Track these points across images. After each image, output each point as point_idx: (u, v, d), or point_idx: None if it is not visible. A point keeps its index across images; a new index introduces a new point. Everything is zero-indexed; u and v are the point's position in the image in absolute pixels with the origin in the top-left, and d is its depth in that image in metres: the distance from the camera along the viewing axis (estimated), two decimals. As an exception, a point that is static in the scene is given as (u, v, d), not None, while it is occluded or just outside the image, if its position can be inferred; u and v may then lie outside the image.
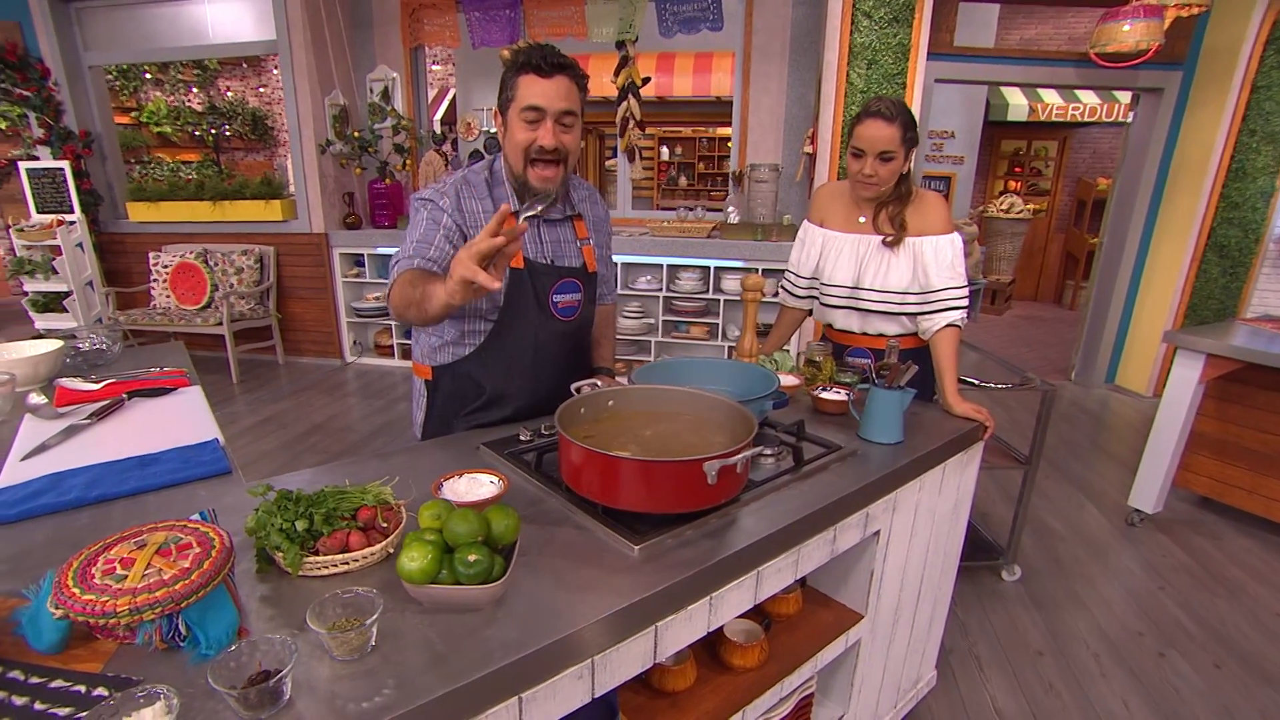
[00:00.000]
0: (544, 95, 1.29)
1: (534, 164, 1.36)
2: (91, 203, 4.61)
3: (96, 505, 1.13)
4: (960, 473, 1.57)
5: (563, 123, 1.33)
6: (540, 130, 1.32)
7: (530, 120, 1.32)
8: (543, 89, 1.29)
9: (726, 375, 1.54)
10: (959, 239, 1.74)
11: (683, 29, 4.59)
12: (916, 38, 3.82)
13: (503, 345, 1.47)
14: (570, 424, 1.19)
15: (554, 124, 1.32)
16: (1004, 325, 6.89)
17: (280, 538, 0.92)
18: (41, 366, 1.70)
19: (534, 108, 1.30)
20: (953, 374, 1.67)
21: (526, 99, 1.30)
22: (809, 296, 1.96)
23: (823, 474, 1.28)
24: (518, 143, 1.34)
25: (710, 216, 4.78)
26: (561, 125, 1.33)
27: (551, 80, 1.29)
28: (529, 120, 1.32)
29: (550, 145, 1.33)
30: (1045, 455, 3.60)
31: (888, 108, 1.60)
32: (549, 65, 1.29)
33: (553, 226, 1.51)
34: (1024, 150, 8.50)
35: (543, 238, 1.49)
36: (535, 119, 1.31)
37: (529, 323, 1.46)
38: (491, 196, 1.43)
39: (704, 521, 1.07)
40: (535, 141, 1.33)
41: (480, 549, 0.87)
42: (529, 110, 1.31)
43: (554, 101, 1.30)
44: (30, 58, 4.45)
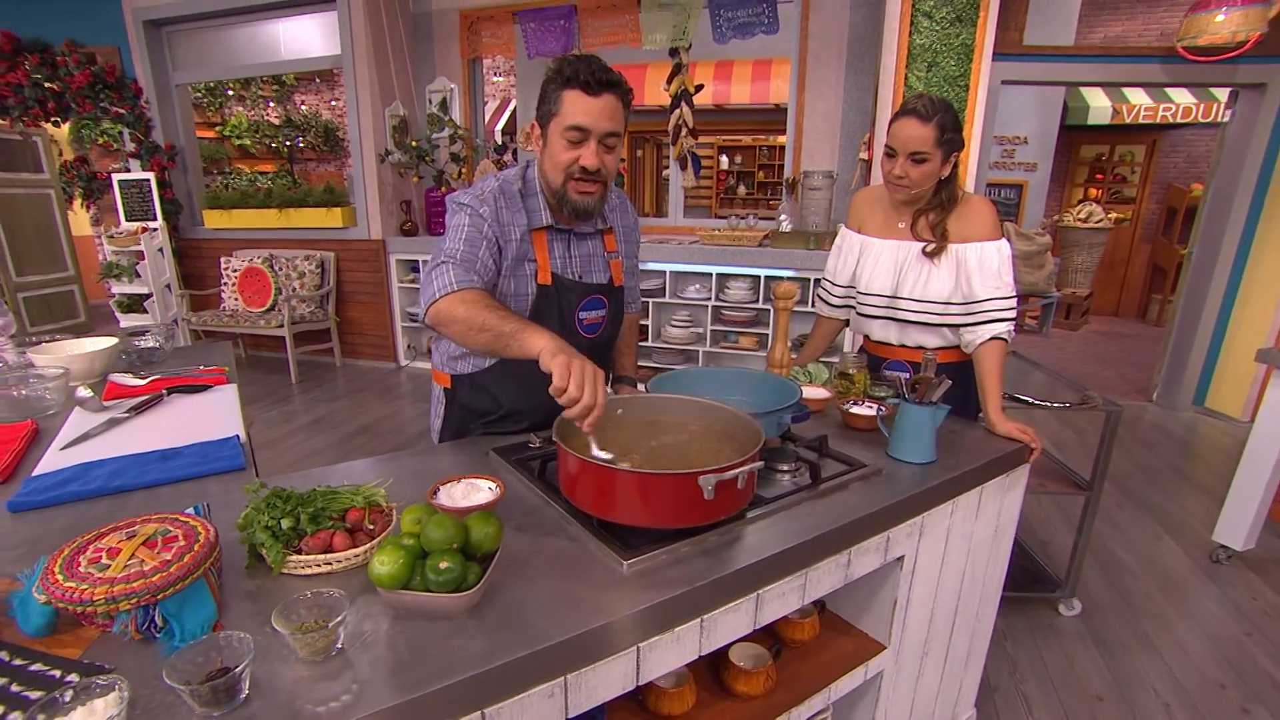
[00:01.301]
0: (589, 115, 1.23)
1: (575, 180, 1.30)
2: (173, 211, 4.94)
3: (116, 495, 1.17)
4: (1001, 497, 1.45)
5: (606, 144, 1.27)
6: (584, 151, 1.26)
7: (574, 140, 1.25)
8: (588, 107, 1.22)
9: (745, 386, 1.48)
10: (1006, 246, 1.62)
11: (737, 35, 4.54)
12: (981, 38, 3.64)
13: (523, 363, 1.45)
14: (573, 433, 1.15)
15: (598, 145, 1.26)
16: (1079, 341, 6.47)
17: (265, 535, 0.92)
18: (97, 362, 1.80)
19: (579, 128, 1.24)
20: (997, 390, 1.55)
21: (571, 117, 1.23)
22: (845, 306, 1.87)
23: (841, 493, 1.20)
24: (559, 161, 1.29)
25: (763, 225, 4.69)
26: (605, 146, 1.27)
27: (599, 99, 1.22)
28: (572, 140, 1.26)
29: (594, 167, 1.27)
30: (1119, 481, 3.34)
31: (925, 106, 1.51)
32: (597, 83, 1.21)
33: (583, 241, 1.46)
34: (1106, 155, 7.99)
35: (572, 252, 1.44)
36: (579, 139, 1.25)
37: None
38: (525, 209, 1.37)
39: (703, 538, 1.02)
40: (578, 161, 1.27)
41: (454, 556, 0.84)
42: (573, 130, 1.24)
43: (600, 122, 1.23)
44: (126, 78, 4.82)
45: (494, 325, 1.16)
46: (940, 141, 1.51)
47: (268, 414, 4.08)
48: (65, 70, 4.64)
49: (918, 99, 1.53)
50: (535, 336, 1.10)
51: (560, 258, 1.42)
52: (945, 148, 1.52)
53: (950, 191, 1.62)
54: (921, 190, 1.58)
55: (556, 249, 1.42)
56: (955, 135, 1.53)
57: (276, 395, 4.40)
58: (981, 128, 3.81)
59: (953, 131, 1.52)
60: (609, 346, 1.58)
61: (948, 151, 1.54)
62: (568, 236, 1.43)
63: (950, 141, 1.53)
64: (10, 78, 4.59)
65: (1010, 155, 7.03)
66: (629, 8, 4.59)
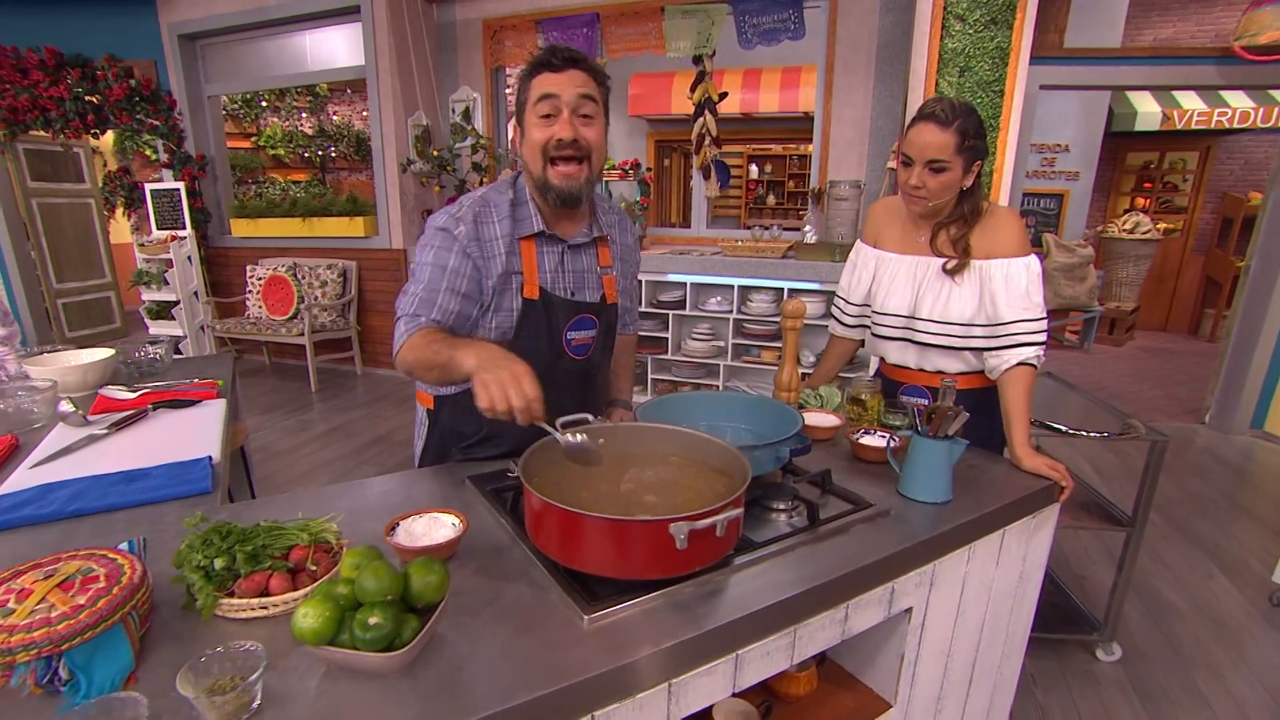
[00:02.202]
0: (557, 84, 1.18)
1: (554, 162, 1.22)
2: (202, 219, 5.04)
3: (72, 520, 1.12)
4: (1027, 540, 1.31)
5: (582, 114, 1.20)
6: (557, 123, 1.19)
7: (545, 115, 1.19)
8: (555, 79, 1.19)
9: (742, 412, 1.37)
10: (1036, 263, 1.48)
11: (763, 41, 4.43)
12: (1018, 40, 3.47)
13: None
14: (543, 465, 1.07)
15: (571, 114, 1.19)
16: (1124, 358, 6.15)
17: (198, 575, 0.85)
18: (90, 375, 1.78)
19: (548, 96, 1.18)
20: (1024, 422, 1.41)
21: (539, 90, 1.19)
22: (860, 326, 1.75)
23: (841, 537, 1.08)
24: (535, 143, 1.22)
25: (787, 236, 4.56)
26: (581, 118, 1.20)
27: (565, 73, 1.18)
28: (544, 115, 1.20)
29: (568, 136, 1.19)
30: (1166, 512, 3.11)
31: (944, 110, 1.38)
32: (562, 60, 1.19)
33: (577, 254, 1.36)
34: (1155, 163, 7.63)
35: (566, 265, 1.34)
36: (550, 111, 1.19)
37: (538, 360, 1.32)
38: (513, 217, 1.29)
39: (679, 589, 0.91)
40: (553, 136, 1.20)
41: (386, 610, 0.76)
42: (543, 101, 1.19)
43: (568, 88, 1.18)
44: (161, 91, 4.95)
45: (434, 358, 1.13)
46: (961, 149, 1.39)
47: (285, 422, 4.10)
48: (104, 84, 4.78)
49: (937, 102, 1.41)
50: (465, 357, 1.06)
51: (551, 272, 1.33)
52: (967, 155, 1.40)
53: (974, 203, 1.49)
54: (940, 202, 1.45)
55: (547, 262, 1.33)
56: (978, 142, 1.41)
57: (296, 403, 4.42)
58: (1017, 135, 3.63)
59: (975, 138, 1.40)
60: (600, 368, 1.47)
61: (970, 160, 1.41)
62: (560, 248, 1.34)
63: (973, 149, 1.40)
64: (53, 91, 4.74)
65: (1050, 164, 6.75)
66: (652, 15, 4.52)
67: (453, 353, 1.09)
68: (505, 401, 0.98)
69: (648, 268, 4.43)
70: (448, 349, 1.11)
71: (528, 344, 1.30)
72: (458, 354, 1.07)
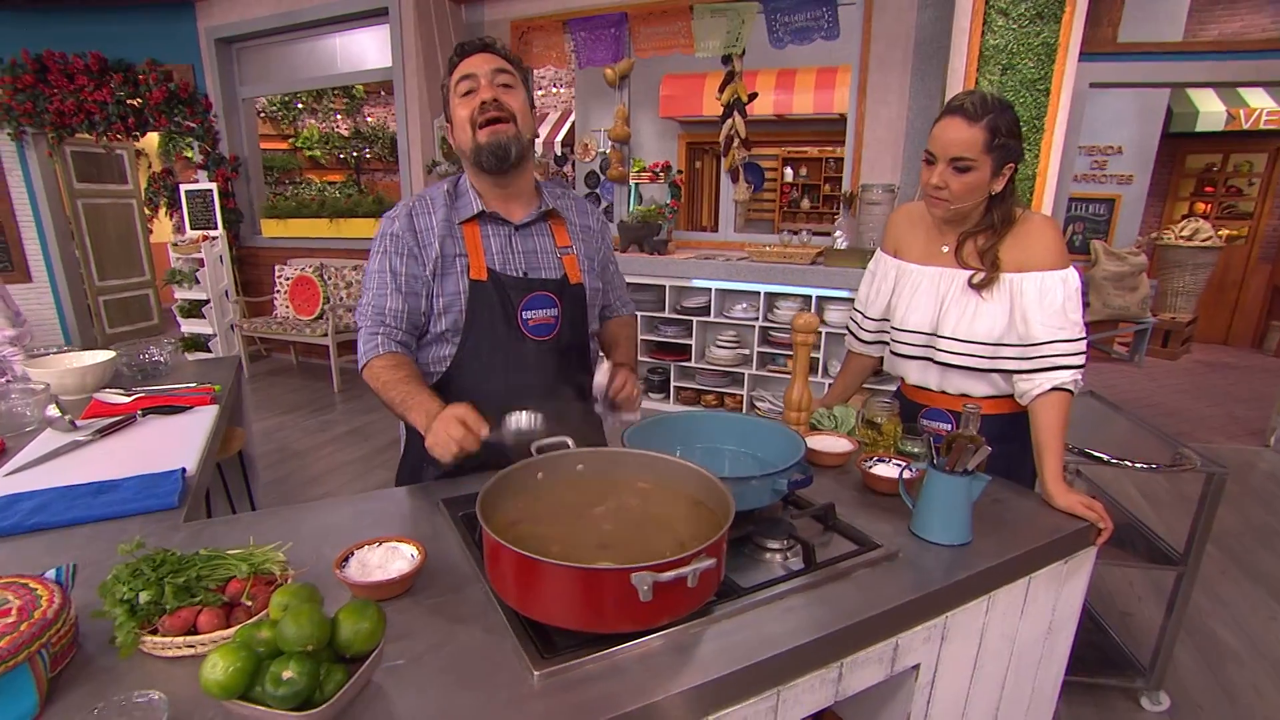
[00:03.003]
0: (472, 65, 1.24)
1: (480, 127, 1.24)
2: (234, 220, 5.13)
3: (31, 534, 1.08)
4: (1057, 588, 1.17)
5: (500, 82, 1.24)
6: (478, 93, 1.23)
7: (466, 91, 1.24)
8: (471, 62, 1.25)
9: (743, 435, 1.27)
10: (1074, 276, 1.33)
11: (795, 40, 4.29)
12: (1066, 36, 3.27)
13: (469, 372, 1.30)
14: (511, 493, 0.98)
15: (489, 83, 1.23)
16: (1178, 372, 5.79)
17: (121, 609, 0.78)
18: (89, 377, 1.77)
19: (466, 76, 1.24)
20: (1057, 453, 1.27)
21: (458, 74, 1.26)
22: (878, 342, 1.62)
23: (841, 583, 0.97)
24: (462, 119, 1.25)
25: (817, 241, 4.41)
26: (500, 86, 1.24)
27: (477, 55, 1.25)
28: (465, 92, 1.24)
29: (489, 97, 1.23)
30: (1224, 544, 2.87)
31: (974, 104, 1.26)
32: (473, 47, 1.26)
33: (527, 234, 1.33)
34: (1219, 166, 7.19)
35: (515, 246, 1.32)
36: (471, 88, 1.24)
37: (496, 343, 1.28)
38: (454, 206, 1.30)
39: (645, 642, 0.82)
40: (475, 104, 1.23)
41: (303, 663, 0.68)
42: (462, 82, 1.24)
43: (482, 65, 1.24)
44: (198, 94, 5.05)
45: (391, 404, 1.20)
46: (990, 147, 1.25)
47: (306, 422, 4.12)
48: (145, 87, 4.90)
49: (967, 95, 1.29)
50: (416, 414, 1.14)
51: (500, 253, 1.31)
52: (997, 155, 1.27)
53: (1005, 211, 1.35)
54: (963, 206, 1.32)
55: (494, 244, 1.31)
56: (1011, 142, 1.27)
57: (318, 404, 4.45)
58: (1064, 137, 3.42)
59: (1007, 137, 1.26)
60: (572, 350, 1.38)
61: (1000, 160, 1.28)
62: (508, 229, 1.32)
63: (1003, 148, 1.27)
64: (98, 95, 4.88)
65: (1101, 167, 6.42)
66: (681, 14, 4.43)
67: (405, 412, 1.17)
68: (451, 444, 1.03)
69: (671, 273, 4.34)
70: (401, 404, 1.18)
71: (482, 329, 1.28)
72: (410, 415, 1.16)
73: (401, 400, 1.17)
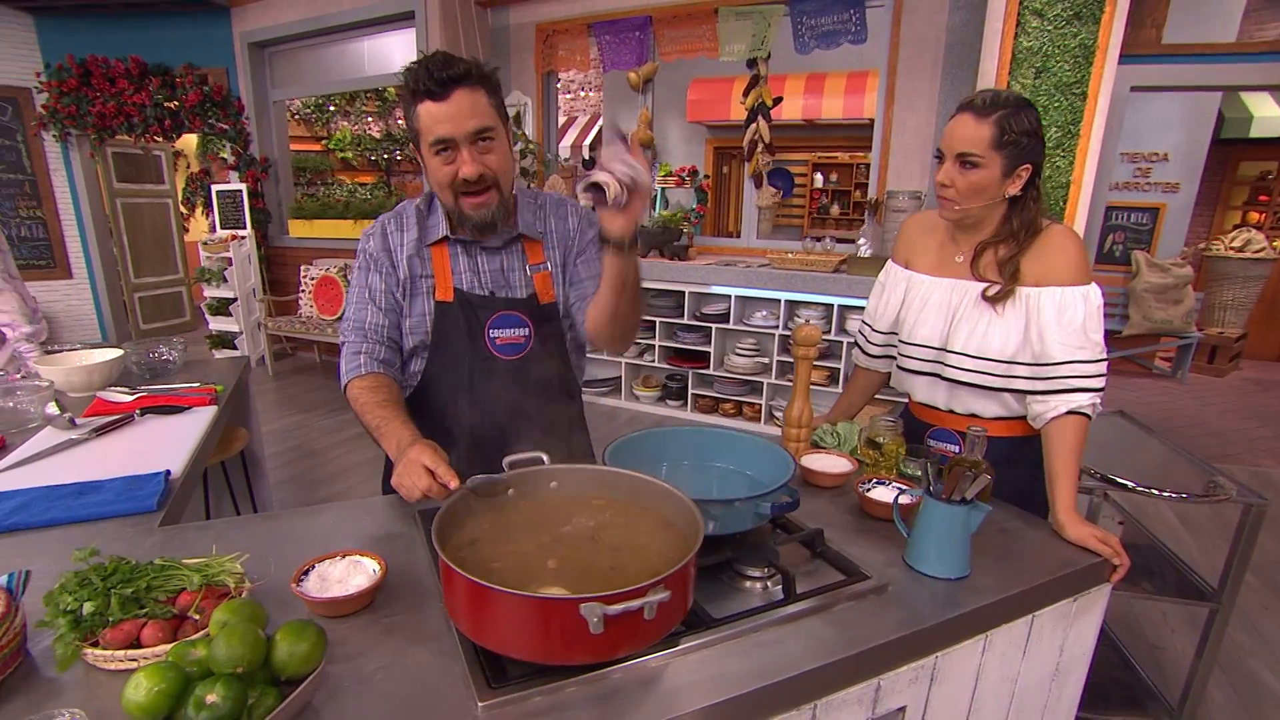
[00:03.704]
0: (447, 122, 1.09)
1: (463, 195, 1.17)
2: (263, 220, 5.23)
3: (7, 535, 1.08)
4: (1064, 628, 1.09)
5: (481, 143, 1.13)
6: (458, 162, 1.13)
7: (443, 154, 1.12)
8: (441, 114, 1.09)
9: (729, 452, 1.21)
10: (1097, 293, 1.25)
11: (821, 44, 4.21)
12: (1105, 37, 3.13)
13: (437, 389, 1.28)
14: (479, 507, 0.95)
15: (470, 149, 1.12)
16: (1225, 390, 5.52)
17: (64, 620, 0.77)
18: (96, 375, 1.79)
19: (440, 140, 1.11)
20: (1070, 481, 1.19)
21: (430, 132, 1.11)
22: (886, 356, 1.55)
23: (821, 616, 0.91)
24: (440, 179, 1.16)
25: (841, 249, 4.31)
26: (481, 147, 1.13)
27: (449, 101, 1.08)
28: (442, 155, 1.13)
29: (473, 174, 1.13)
30: (1266, 575, 2.70)
31: (984, 99, 1.19)
32: (440, 84, 1.08)
33: (495, 254, 1.29)
34: (1275, 173, 6.85)
35: (481, 266, 1.28)
36: (447, 149, 1.12)
37: (461, 362, 1.25)
38: (424, 225, 1.27)
39: (602, 674, 0.77)
40: (457, 175, 1.14)
41: (228, 687, 0.65)
42: (437, 144, 1.11)
43: (460, 125, 1.10)
44: (231, 96, 5.18)
45: (368, 428, 1.17)
46: (999, 144, 1.18)
47: (324, 421, 4.16)
48: (182, 90, 5.04)
49: (981, 92, 1.22)
50: (388, 442, 1.11)
51: (466, 272, 1.27)
52: (1008, 154, 1.19)
53: (1026, 219, 1.27)
54: (972, 208, 1.24)
55: (461, 263, 1.27)
56: (1026, 140, 1.19)
57: (337, 403, 4.49)
58: (1101, 142, 3.28)
59: (1022, 135, 1.19)
60: (543, 368, 1.31)
61: (1013, 160, 1.20)
62: (474, 250, 1.27)
63: (1016, 146, 1.19)
64: (137, 99, 5.03)
65: (1145, 174, 6.16)
66: (706, 17, 4.38)
67: (379, 438, 1.14)
68: (415, 492, 0.98)
69: (691, 278, 4.28)
70: (375, 429, 1.15)
71: (449, 348, 1.26)
72: (383, 442, 1.13)
73: (376, 426, 1.14)
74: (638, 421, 4.58)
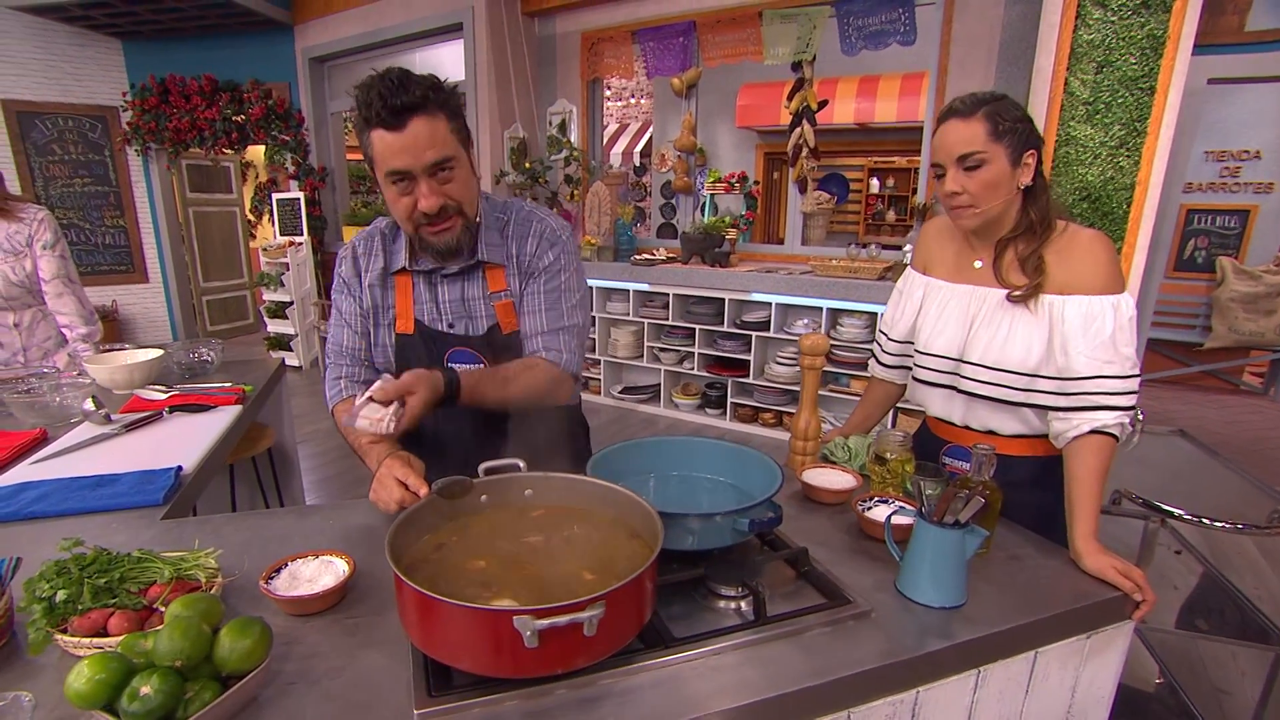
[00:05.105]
0: (402, 154, 1.03)
1: (425, 226, 1.12)
2: (319, 226, 5.47)
3: (26, 521, 1.15)
4: (1077, 667, 0.99)
5: (441, 174, 1.07)
6: (416, 193, 1.07)
7: (398, 183, 1.07)
8: (396, 146, 1.03)
9: (719, 463, 1.17)
10: (1129, 303, 1.15)
11: (868, 45, 4.09)
12: (1176, 26, 2.91)
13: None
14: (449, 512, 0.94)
15: (428, 182, 1.06)
16: (1325, 411, 5.03)
17: (39, 607, 0.80)
18: (136, 374, 1.89)
19: (396, 173, 1.05)
20: (1090, 506, 1.09)
21: (385, 163, 1.05)
22: (901, 367, 1.47)
23: (791, 640, 0.86)
24: (399, 211, 1.11)
25: (887, 255, 4.17)
26: (440, 178, 1.07)
27: (404, 131, 1.01)
28: (399, 185, 1.07)
29: (433, 208, 1.08)
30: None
31: (962, 102, 1.14)
32: (393, 113, 1.00)
33: (454, 283, 1.24)
34: (1384, 175, 6.23)
35: (440, 297, 1.24)
36: (404, 181, 1.06)
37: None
38: (389, 251, 1.25)
39: (545, 690, 0.75)
40: (415, 209, 1.09)
41: (164, 679, 0.65)
42: (393, 175, 1.06)
43: (418, 157, 1.03)
44: (292, 109, 5.45)
45: (351, 445, 1.19)
46: (997, 134, 1.11)
47: (363, 424, 4.29)
48: (248, 105, 5.34)
49: (956, 98, 1.16)
50: (370, 459, 1.14)
51: (427, 303, 1.24)
52: (1009, 142, 1.12)
53: (1041, 208, 1.18)
54: (992, 207, 1.16)
55: (423, 294, 1.25)
56: (1021, 126, 1.12)
57: (383, 404, 4.63)
58: (1172, 140, 3.05)
59: (1015, 121, 1.12)
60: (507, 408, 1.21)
61: (1016, 147, 1.12)
62: (435, 278, 1.24)
63: (1014, 134, 1.11)
64: (208, 114, 5.37)
65: (1233, 174, 5.71)
66: (750, 21, 4.33)
67: (363, 456, 1.17)
68: (391, 504, 1.02)
69: (731, 285, 4.21)
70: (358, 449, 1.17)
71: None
72: (366, 459, 1.15)
73: (359, 447, 1.17)
74: (675, 429, 4.53)
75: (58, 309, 2.18)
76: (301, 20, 5.38)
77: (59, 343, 2.26)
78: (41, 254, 2.13)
